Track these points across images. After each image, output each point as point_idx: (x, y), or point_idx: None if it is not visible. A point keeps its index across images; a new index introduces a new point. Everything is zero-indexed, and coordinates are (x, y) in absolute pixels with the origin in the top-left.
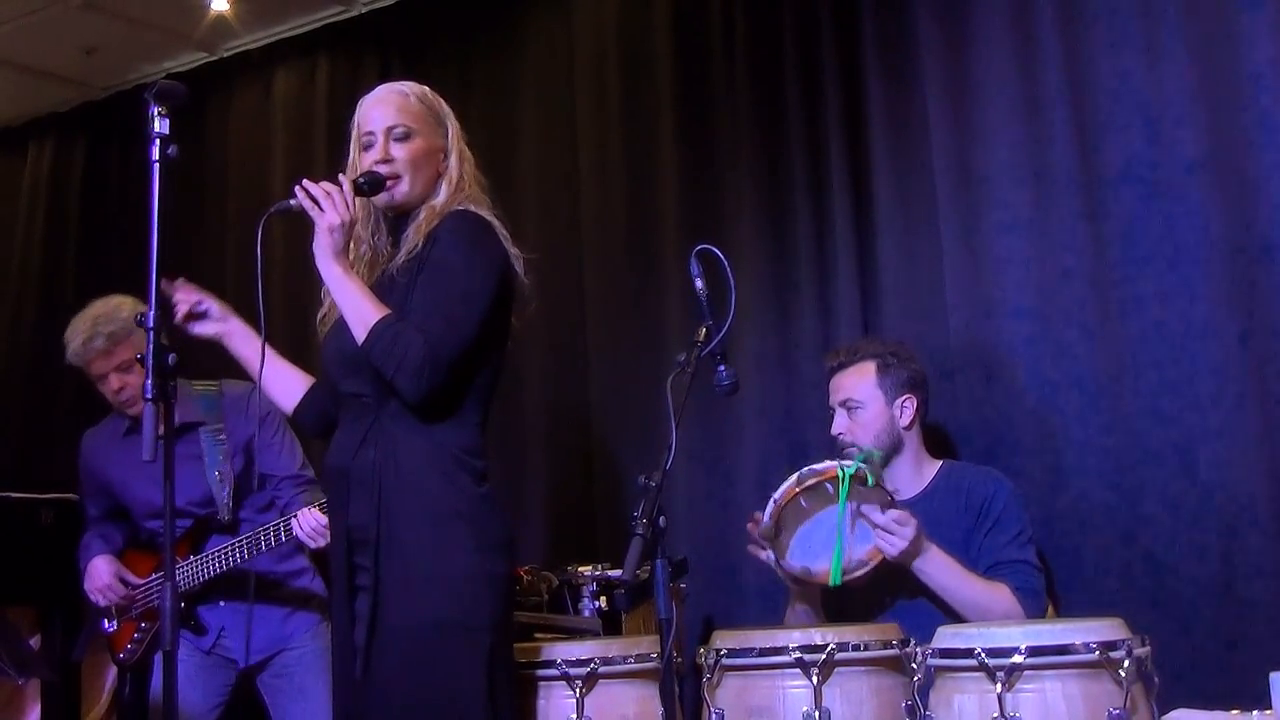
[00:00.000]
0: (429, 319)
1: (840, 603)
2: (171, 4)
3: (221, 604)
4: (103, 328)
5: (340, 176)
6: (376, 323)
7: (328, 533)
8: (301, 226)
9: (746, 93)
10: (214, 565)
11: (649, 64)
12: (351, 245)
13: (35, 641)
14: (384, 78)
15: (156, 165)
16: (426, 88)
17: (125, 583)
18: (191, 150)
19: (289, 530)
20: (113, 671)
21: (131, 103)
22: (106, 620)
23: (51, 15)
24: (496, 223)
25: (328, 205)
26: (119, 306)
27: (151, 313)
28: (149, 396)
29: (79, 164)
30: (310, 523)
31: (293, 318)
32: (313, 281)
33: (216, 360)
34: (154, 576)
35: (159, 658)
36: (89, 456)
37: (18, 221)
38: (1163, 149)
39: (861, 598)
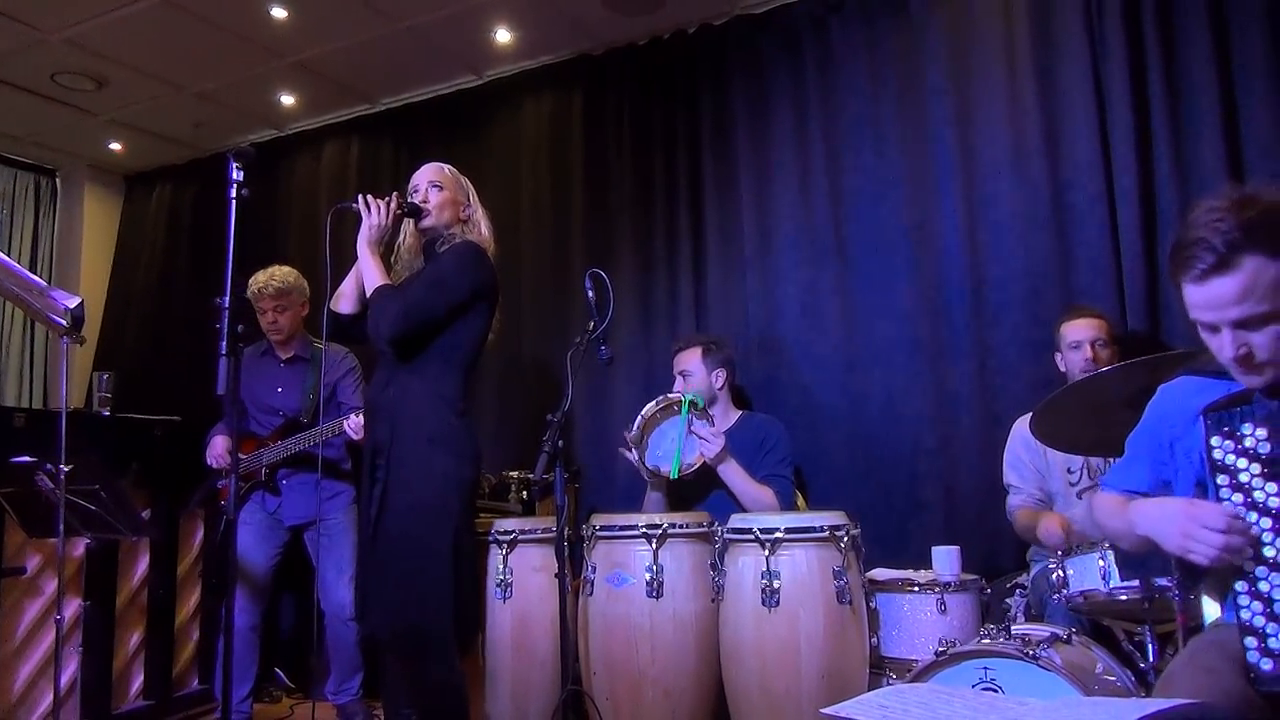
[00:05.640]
0: (411, 294)
1: (677, 496)
2: (254, 97)
3: (287, 481)
4: (276, 282)
5: (394, 194)
6: (379, 287)
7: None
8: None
9: (629, 173)
10: (292, 446)
11: (567, 151)
12: (395, 261)
13: (146, 513)
14: (395, 155)
15: (233, 200)
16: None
17: (231, 455)
18: (264, 198)
19: (341, 427)
20: (200, 534)
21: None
22: (219, 480)
23: (174, 100)
24: (489, 260)
25: (374, 210)
26: (290, 273)
27: (227, 297)
28: (223, 353)
29: (189, 201)
30: (355, 422)
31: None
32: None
33: None
34: (253, 454)
35: (239, 532)
36: None
37: (146, 238)
38: (885, 223)
39: (688, 494)
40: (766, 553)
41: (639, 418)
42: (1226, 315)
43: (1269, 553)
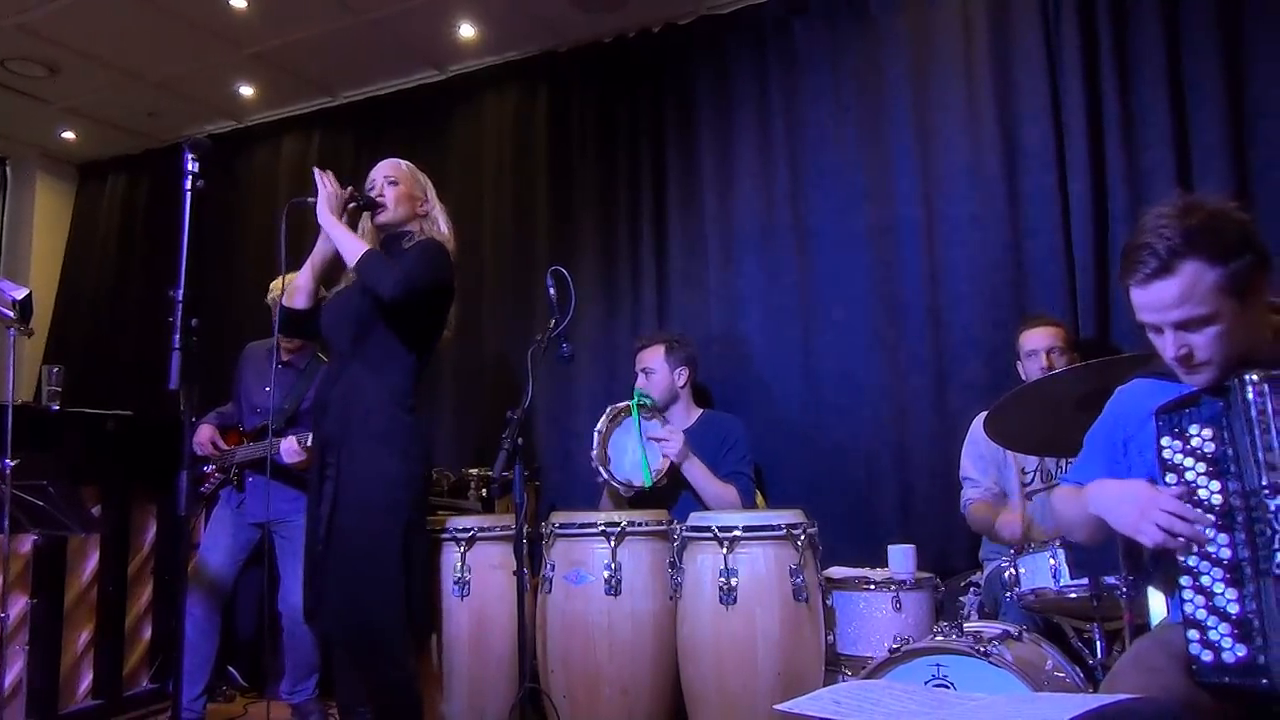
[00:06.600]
0: (403, 265)
1: (645, 497)
2: (212, 87)
3: (253, 479)
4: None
5: (349, 186)
6: (365, 252)
7: (298, 455)
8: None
9: (593, 169)
10: (256, 451)
11: (531, 148)
12: None
13: (97, 510)
14: (356, 149)
15: (188, 192)
16: (412, 164)
17: (215, 444)
18: (221, 190)
19: (278, 448)
20: (151, 530)
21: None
22: (203, 466)
23: (129, 88)
24: (450, 259)
25: (326, 179)
26: None
27: (180, 290)
28: (176, 347)
29: (144, 193)
30: (288, 445)
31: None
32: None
33: None
34: (234, 448)
35: (210, 527)
36: (242, 358)
37: (99, 229)
38: (846, 224)
39: (657, 498)
40: (724, 551)
41: (595, 434)
42: (1168, 317)
43: (1211, 548)
